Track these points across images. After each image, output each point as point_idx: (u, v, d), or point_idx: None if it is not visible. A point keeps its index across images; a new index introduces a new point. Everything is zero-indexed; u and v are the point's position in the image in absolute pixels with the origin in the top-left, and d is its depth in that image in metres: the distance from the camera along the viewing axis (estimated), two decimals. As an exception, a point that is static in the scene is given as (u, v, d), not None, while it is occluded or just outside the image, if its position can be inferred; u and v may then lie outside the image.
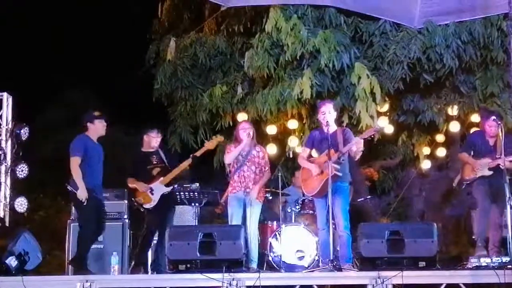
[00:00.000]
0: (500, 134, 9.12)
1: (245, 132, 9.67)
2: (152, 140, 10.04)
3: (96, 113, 9.43)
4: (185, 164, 9.99)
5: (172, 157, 10.36)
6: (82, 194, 8.90)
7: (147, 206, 9.86)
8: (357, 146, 8.90)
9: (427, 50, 10.88)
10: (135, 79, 13.78)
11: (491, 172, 9.32)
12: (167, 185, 9.87)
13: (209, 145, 10.14)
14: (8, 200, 10.50)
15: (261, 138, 11.90)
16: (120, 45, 14.36)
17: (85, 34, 14.27)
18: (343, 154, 8.91)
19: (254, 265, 9.39)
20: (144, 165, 9.97)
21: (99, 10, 14.89)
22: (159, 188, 9.84)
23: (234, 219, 9.47)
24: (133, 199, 10.00)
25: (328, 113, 9.12)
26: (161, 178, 9.86)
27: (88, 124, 9.34)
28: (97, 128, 9.35)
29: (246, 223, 9.44)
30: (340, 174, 8.87)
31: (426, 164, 13.64)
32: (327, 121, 9.06)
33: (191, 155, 10.04)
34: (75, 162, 9.02)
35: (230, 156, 9.68)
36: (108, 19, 14.79)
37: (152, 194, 9.82)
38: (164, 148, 10.27)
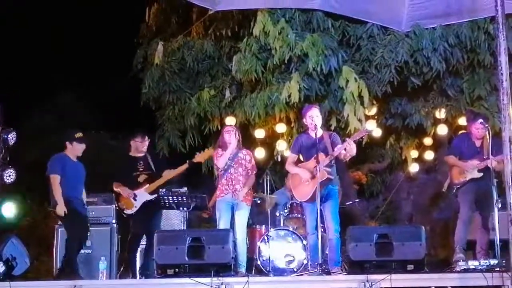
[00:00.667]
0: (488, 136, 9.15)
1: (230, 134, 9.67)
2: (139, 145, 10.03)
3: (77, 135, 9.51)
4: (173, 173, 9.94)
5: (160, 163, 10.31)
6: (60, 209, 9.08)
7: (128, 211, 9.84)
8: (349, 149, 8.89)
9: (415, 53, 10.89)
10: (123, 83, 13.75)
11: (481, 174, 9.33)
12: (151, 192, 9.83)
13: (200, 157, 10.05)
14: (-5, 205, 10.44)
15: (249, 142, 11.93)
16: (107, 50, 14.32)
17: (72, 39, 14.22)
18: (333, 157, 8.91)
19: (242, 269, 9.37)
20: (130, 170, 9.94)
21: (87, 15, 14.85)
22: (143, 195, 9.81)
23: (223, 223, 9.45)
24: (115, 203, 10.03)
25: (316, 117, 9.13)
26: (147, 185, 9.82)
27: (67, 143, 9.49)
28: (74, 150, 9.52)
29: (235, 226, 9.44)
30: (332, 177, 8.90)
31: (414, 167, 13.69)
32: (315, 125, 9.04)
33: (187, 161, 9.98)
34: (55, 180, 9.22)
35: (222, 160, 9.64)
36: (95, 24, 14.76)
37: (135, 200, 9.79)
38: (152, 153, 10.22)
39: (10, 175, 10.18)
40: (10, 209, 10.37)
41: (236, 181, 9.60)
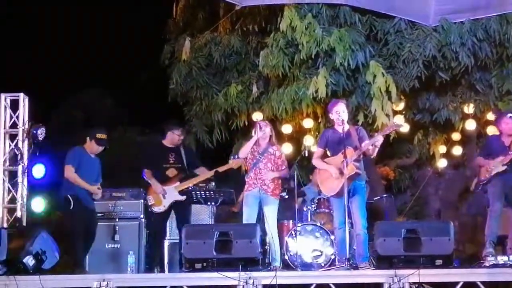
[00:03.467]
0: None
1: (256, 127, 9.69)
2: (175, 138, 10.01)
3: (98, 135, 9.51)
4: (205, 176, 9.94)
5: (193, 156, 10.31)
6: (92, 189, 9.31)
7: (156, 209, 9.85)
8: (377, 144, 8.86)
9: (443, 48, 10.84)
10: (151, 79, 13.82)
11: (505, 167, 9.28)
12: (181, 192, 9.81)
13: (233, 164, 9.98)
14: (25, 200, 10.54)
15: (276, 138, 11.90)
16: (135, 46, 14.39)
17: (101, 34, 14.30)
18: (361, 152, 8.89)
19: (277, 264, 9.42)
20: (160, 160, 9.91)
21: (116, 10, 14.91)
22: (172, 194, 9.80)
23: (250, 217, 9.48)
24: (144, 196, 10.02)
25: (342, 112, 9.10)
26: (177, 183, 9.81)
27: (87, 139, 9.55)
28: (93, 147, 9.56)
29: (265, 221, 9.44)
30: (360, 171, 8.87)
31: (442, 163, 13.59)
32: (342, 120, 9.01)
33: (214, 170, 9.94)
34: (69, 170, 9.36)
35: (243, 150, 9.70)
36: (124, 20, 14.82)
37: (164, 198, 9.79)
38: (186, 147, 10.20)
39: (39, 170, 10.28)
40: (39, 204, 10.48)
41: (265, 176, 9.61)
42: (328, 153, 9.32)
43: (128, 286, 8.36)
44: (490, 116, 11.99)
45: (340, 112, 9.08)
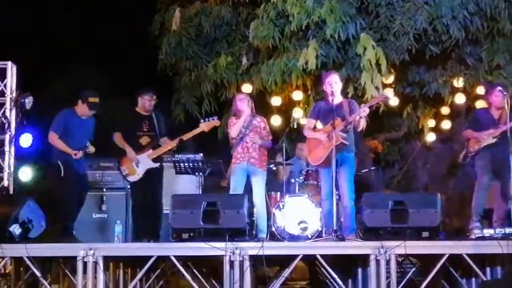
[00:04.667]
0: (506, 105, 9.07)
1: (243, 102, 9.64)
2: (146, 103, 9.73)
3: (91, 99, 9.35)
4: (171, 144, 9.68)
5: (162, 125, 9.98)
6: (72, 153, 9.19)
7: (130, 178, 9.68)
8: (362, 114, 8.83)
9: (434, 21, 10.80)
10: (140, 50, 13.74)
11: (495, 140, 9.29)
12: (154, 160, 9.64)
13: (204, 127, 9.70)
14: (12, 169, 10.52)
15: (265, 109, 11.91)
16: (125, 16, 14.28)
17: (90, 4, 14.18)
18: (349, 123, 8.86)
19: (263, 235, 9.45)
20: (134, 127, 9.71)
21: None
22: (146, 162, 9.59)
23: (237, 189, 9.48)
24: (117, 166, 9.82)
25: (335, 83, 9.04)
26: (150, 151, 9.61)
27: (79, 101, 9.42)
28: (84, 110, 9.41)
29: (253, 193, 9.43)
30: (347, 142, 8.83)
31: (430, 137, 13.63)
32: (333, 91, 8.97)
33: (178, 138, 9.69)
34: (51, 136, 9.29)
35: (235, 129, 9.63)
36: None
37: (138, 166, 9.61)
38: (159, 115, 9.92)
39: (26, 139, 10.24)
40: (26, 173, 10.47)
41: (252, 148, 9.60)
42: (320, 124, 9.29)
43: (114, 256, 8.37)
44: (480, 90, 12.00)
45: (333, 83, 9.02)
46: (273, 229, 9.94)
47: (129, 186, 10.01)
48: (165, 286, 10.10)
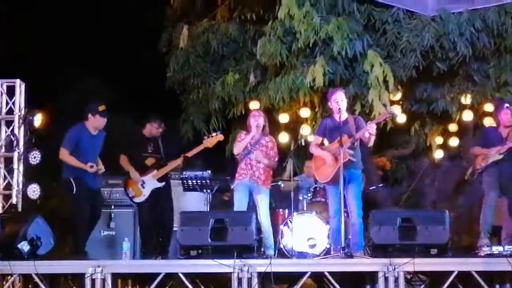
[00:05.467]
0: (513, 121, 9.09)
1: (255, 119, 9.65)
2: (154, 130, 9.94)
3: (100, 108, 9.46)
4: (176, 163, 9.79)
5: (170, 147, 10.15)
6: (86, 167, 9.19)
7: (136, 200, 9.78)
8: (370, 131, 8.84)
9: (441, 38, 10.82)
10: (148, 67, 13.80)
11: (501, 156, 9.28)
12: (159, 180, 9.73)
13: (208, 143, 9.77)
14: (20, 186, 10.51)
15: (273, 127, 11.89)
16: (133, 33, 14.36)
17: (99, 22, 14.28)
18: (356, 140, 8.87)
19: (271, 251, 9.42)
20: (139, 148, 9.86)
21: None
22: (151, 182, 9.71)
23: (241, 205, 9.47)
24: (124, 189, 9.92)
25: (341, 101, 9.07)
26: (154, 172, 9.72)
27: (89, 115, 9.48)
28: (96, 122, 9.49)
29: (257, 210, 9.43)
30: (354, 159, 8.83)
31: (438, 154, 13.61)
32: (340, 109, 8.99)
33: (182, 155, 9.79)
34: (62, 153, 9.34)
35: (239, 146, 9.65)
36: (122, 7, 14.77)
37: (143, 187, 9.70)
38: (164, 138, 10.06)
39: (35, 157, 10.24)
40: (35, 191, 10.45)
41: (256, 167, 9.60)
42: (326, 141, 9.31)
43: (123, 273, 8.36)
44: (488, 107, 12.00)
45: (339, 100, 9.05)
46: (281, 246, 9.93)
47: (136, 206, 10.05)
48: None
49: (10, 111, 10.65)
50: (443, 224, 8.27)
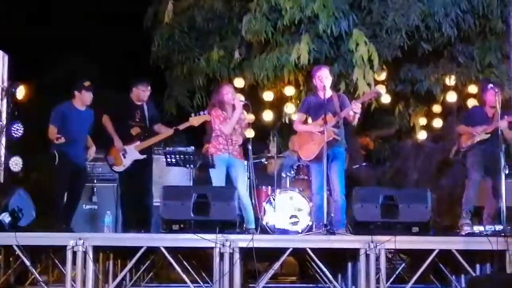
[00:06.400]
0: (498, 104, 9.09)
1: (232, 96, 9.56)
2: (141, 93, 9.79)
3: (86, 84, 9.45)
4: (165, 134, 9.78)
5: (154, 112, 10.06)
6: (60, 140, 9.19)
7: (116, 169, 9.73)
8: (355, 110, 8.83)
9: (426, 18, 10.81)
10: (133, 42, 13.73)
11: (488, 136, 9.31)
12: (141, 151, 9.65)
13: (194, 121, 9.66)
14: (2, 159, 10.47)
15: (257, 104, 11.90)
16: (118, 7, 14.27)
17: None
18: (341, 118, 8.87)
19: (252, 225, 9.42)
20: (126, 116, 9.75)
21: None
22: (133, 152, 9.63)
23: (219, 179, 9.42)
24: (104, 155, 9.85)
25: (325, 78, 9.04)
26: (138, 143, 9.64)
27: (76, 92, 9.48)
28: (83, 98, 9.48)
29: (236, 185, 9.38)
30: (339, 138, 8.85)
31: (422, 135, 13.65)
32: (324, 86, 8.96)
33: (174, 128, 9.75)
34: (51, 129, 9.31)
35: (229, 126, 9.50)
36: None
37: (124, 157, 9.64)
38: (150, 105, 9.96)
39: (18, 129, 10.20)
40: (17, 164, 10.40)
41: (234, 142, 9.55)
42: (310, 119, 9.30)
43: (104, 246, 8.34)
44: (472, 88, 12.06)
45: (323, 77, 9.03)
46: (264, 223, 9.95)
47: (117, 176, 10.01)
48: (154, 278, 10.08)
49: (-7, 83, 10.59)
50: (425, 202, 8.29)
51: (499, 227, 8.53)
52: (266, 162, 10.84)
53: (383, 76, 11.86)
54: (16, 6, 13.86)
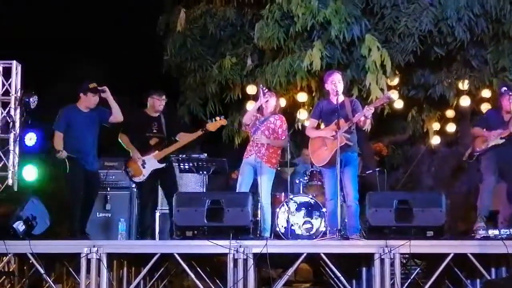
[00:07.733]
0: (512, 108, 9.07)
1: (263, 95, 9.56)
2: (156, 102, 9.71)
3: (91, 85, 9.28)
4: (187, 140, 9.70)
5: (173, 123, 10.01)
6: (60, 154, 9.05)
7: (136, 179, 9.65)
8: (366, 114, 8.80)
9: (439, 22, 10.78)
10: (145, 51, 13.77)
11: (503, 140, 9.23)
12: (160, 161, 9.60)
13: (211, 127, 9.70)
14: (16, 168, 10.52)
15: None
16: (130, 16, 14.32)
17: (96, 5, 14.24)
18: (353, 123, 8.84)
19: (267, 234, 9.37)
20: (143, 129, 9.67)
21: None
22: (152, 162, 9.55)
23: (242, 185, 9.43)
24: (124, 167, 9.79)
25: (338, 82, 9.01)
26: (156, 152, 9.57)
27: (81, 94, 9.31)
28: (88, 100, 9.28)
29: (260, 192, 9.38)
30: (351, 143, 8.81)
31: (435, 140, 13.60)
32: (337, 91, 8.93)
33: (201, 129, 9.68)
34: (57, 137, 9.15)
35: (247, 116, 9.63)
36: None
37: (144, 167, 9.56)
38: (167, 115, 9.89)
39: (31, 139, 10.26)
40: (31, 173, 10.45)
41: (261, 144, 9.53)
42: (322, 124, 9.27)
43: (118, 253, 8.34)
44: (485, 93, 12.00)
45: (336, 82, 8.99)
46: (277, 229, 9.93)
47: (135, 186, 10.01)
48: (168, 285, 10.07)
49: (6, 93, 10.69)
50: (439, 206, 8.22)
51: (514, 231, 8.48)
52: (279, 168, 10.81)
53: (396, 81, 11.84)
54: (27, 15, 13.96)
